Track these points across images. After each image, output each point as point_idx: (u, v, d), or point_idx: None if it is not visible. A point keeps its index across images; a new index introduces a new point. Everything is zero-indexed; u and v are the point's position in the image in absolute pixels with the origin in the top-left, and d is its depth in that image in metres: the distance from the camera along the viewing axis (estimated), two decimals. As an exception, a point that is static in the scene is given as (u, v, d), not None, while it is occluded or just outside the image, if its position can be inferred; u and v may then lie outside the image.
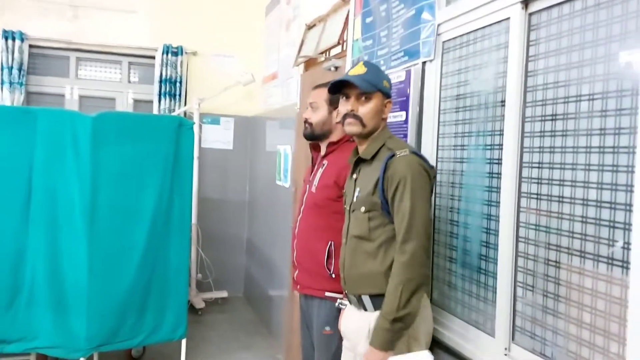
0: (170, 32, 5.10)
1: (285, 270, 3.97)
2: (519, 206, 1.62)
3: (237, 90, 5.07)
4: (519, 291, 1.61)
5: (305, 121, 2.36)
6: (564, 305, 1.46)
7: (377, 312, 1.74)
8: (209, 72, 5.21)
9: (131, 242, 3.38)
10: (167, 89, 5.02)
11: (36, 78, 5.00)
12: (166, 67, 5.02)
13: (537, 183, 1.56)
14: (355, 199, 1.81)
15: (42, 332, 3.22)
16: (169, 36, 5.07)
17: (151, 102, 5.12)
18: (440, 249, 2.03)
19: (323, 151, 2.38)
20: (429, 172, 1.71)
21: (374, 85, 1.76)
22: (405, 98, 2.17)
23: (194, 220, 4.84)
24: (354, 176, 1.87)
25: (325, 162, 2.35)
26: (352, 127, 1.80)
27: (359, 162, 1.85)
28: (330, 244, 2.24)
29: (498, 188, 1.70)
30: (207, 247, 5.09)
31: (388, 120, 1.89)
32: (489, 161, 1.77)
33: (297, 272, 2.41)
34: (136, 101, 5.29)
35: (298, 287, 2.41)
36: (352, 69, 1.82)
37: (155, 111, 5.04)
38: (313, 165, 2.46)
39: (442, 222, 1.99)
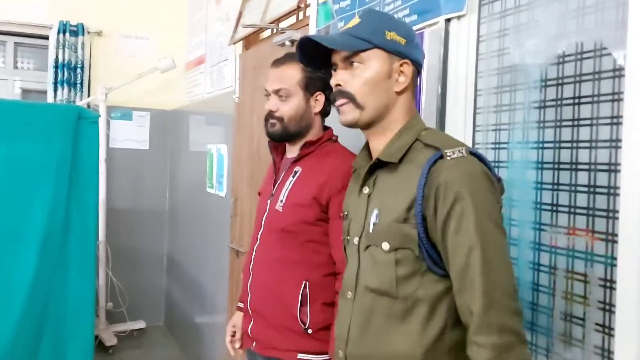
0: (67, 6, 4.17)
1: (216, 293, 3.29)
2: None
3: (153, 79, 4.20)
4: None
5: (271, 115, 1.64)
6: None
7: None
8: (117, 56, 4.32)
9: (12, 275, 2.57)
10: (65, 77, 4.11)
11: None
12: (63, 49, 4.10)
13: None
14: (371, 229, 1.14)
15: None
16: (66, 11, 4.13)
17: (45, 92, 4.17)
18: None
19: (294, 153, 1.68)
20: (497, 186, 1.07)
21: (363, 40, 1.13)
22: (413, 75, 1.49)
23: (101, 237, 3.99)
24: (366, 190, 1.19)
25: (297, 169, 1.65)
26: (345, 116, 1.19)
27: (375, 167, 1.17)
28: (305, 285, 1.60)
29: (611, 212, 1.05)
30: (118, 269, 4.21)
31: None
32: (580, 167, 1.12)
33: (252, 323, 1.72)
34: (25, 91, 4.33)
35: (254, 344, 1.72)
36: (345, 25, 1.21)
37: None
38: (276, 172, 1.74)
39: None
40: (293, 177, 1.64)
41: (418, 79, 1.23)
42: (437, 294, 1.05)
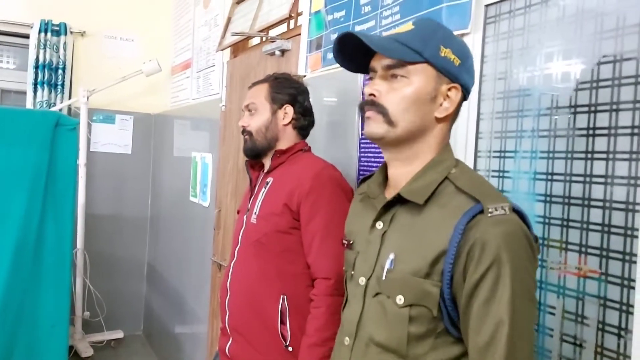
0: (49, 4, 4.01)
1: (197, 304, 3.20)
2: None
3: (137, 82, 4.07)
4: None
5: (243, 131, 1.67)
6: None
7: None
8: (101, 58, 4.18)
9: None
10: (46, 77, 3.96)
11: None
12: (44, 49, 3.95)
13: None
14: (384, 275, 0.99)
15: None
16: (47, 10, 3.98)
17: (24, 93, 4.01)
18: None
19: (267, 166, 1.69)
20: (535, 250, 0.92)
21: (414, 50, 0.97)
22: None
23: (79, 244, 3.86)
24: (380, 226, 1.04)
25: (269, 179, 1.66)
26: (370, 126, 1.01)
27: (394, 202, 1.02)
28: (283, 300, 1.56)
29: (627, 255, 0.97)
30: (96, 277, 4.06)
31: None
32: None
33: (230, 342, 1.67)
34: (4, 91, 4.16)
35: None
36: (395, 30, 1.05)
37: (29, 105, 3.95)
38: (252, 189, 1.72)
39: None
40: (265, 188, 1.64)
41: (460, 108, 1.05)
42: (450, 358, 0.94)
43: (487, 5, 1.29)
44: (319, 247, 1.53)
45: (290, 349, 1.55)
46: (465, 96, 1.03)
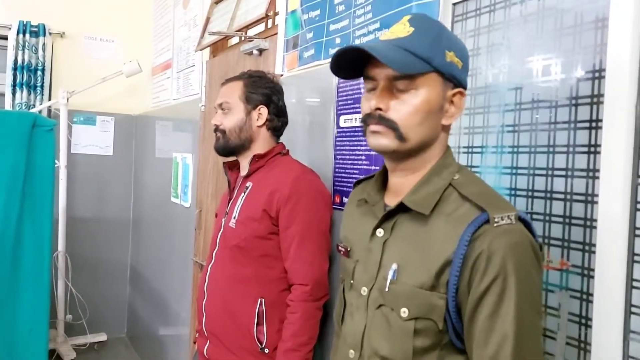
0: (28, 5, 3.99)
1: (180, 306, 3.19)
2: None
3: (118, 83, 4.06)
4: None
5: (216, 129, 1.67)
6: None
7: None
8: (81, 59, 4.16)
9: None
10: (25, 79, 3.93)
11: None
12: (23, 50, 3.92)
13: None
14: (387, 286, 0.96)
15: None
16: (26, 11, 3.95)
17: (3, 95, 3.98)
18: None
19: (245, 170, 1.68)
20: (541, 259, 0.90)
21: (422, 59, 0.91)
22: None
23: (60, 246, 3.83)
24: (380, 234, 1.00)
25: (249, 184, 1.66)
26: (378, 140, 0.95)
27: (396, 209, 0.98)
28: (261, 303, 1.58)
29: (587, 245, 1.00)
30: (79, 280, 4.02)
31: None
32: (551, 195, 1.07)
33: (207, 344, 1.69)
34: (-17, 93, 4.12)
35: None
36: (389, 31, 0.97)
37: (8, 107, 3.93)
38: (231, 192, 1.72)
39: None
40: (245, 192, 1.64)
41: None
42: None
43: (454, 4, 1.31)
44: (296, 252, 1.54)
45: (266, 350, 1.56)
46: None
